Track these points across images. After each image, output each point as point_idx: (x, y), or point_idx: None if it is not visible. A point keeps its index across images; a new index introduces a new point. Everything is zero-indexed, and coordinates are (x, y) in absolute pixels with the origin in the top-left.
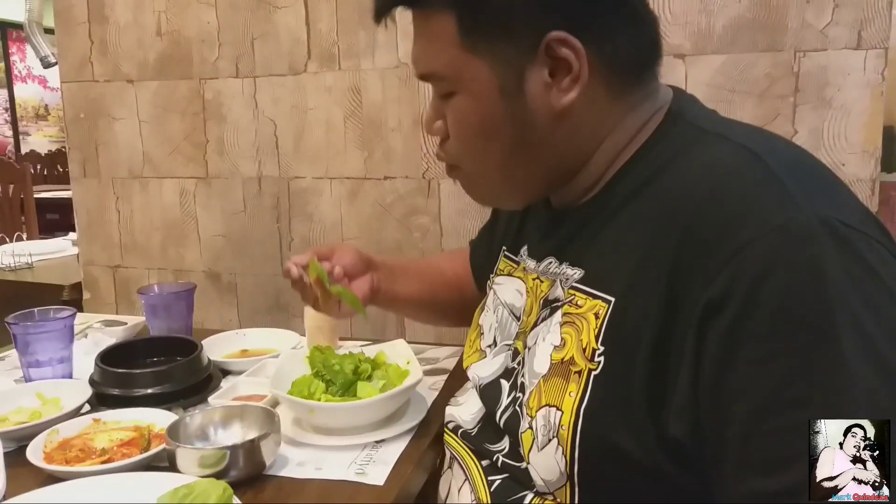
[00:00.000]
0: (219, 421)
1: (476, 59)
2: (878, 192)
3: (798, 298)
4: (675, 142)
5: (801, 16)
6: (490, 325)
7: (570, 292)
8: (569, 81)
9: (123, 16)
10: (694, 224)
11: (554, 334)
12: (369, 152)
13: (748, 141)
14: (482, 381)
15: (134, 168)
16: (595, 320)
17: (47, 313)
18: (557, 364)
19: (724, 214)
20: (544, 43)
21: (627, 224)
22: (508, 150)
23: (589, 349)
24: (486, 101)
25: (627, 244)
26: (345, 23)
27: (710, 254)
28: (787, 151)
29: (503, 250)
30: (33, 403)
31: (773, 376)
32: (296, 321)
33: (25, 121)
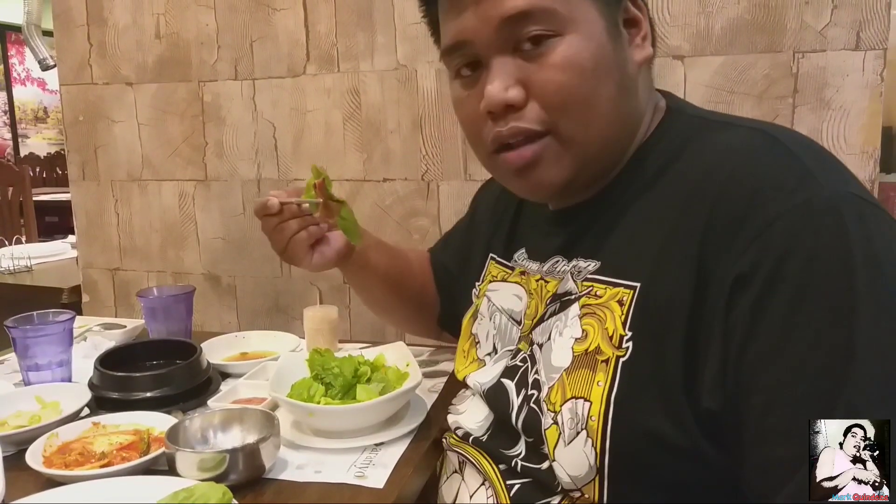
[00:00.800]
0: (218, 424)
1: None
2: (877, 192)
3: (822, 271)
4: (682, 132)
5: (799, 17)
6: (487, 333)
7: (584, 285)
8: (640, 38)
9: (122, 18)
10: (719, 203)
11: (573, 327)
12: (368, 154)
13: (756, 124)
14: (485, 386)
15: (133, 171)
16: (619, 308)
17: (46, 316)
18: (581, 355)
19: (748, 192)
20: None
21: (646, 212)
22: (616, 94)
23: (616, 336)
24: (599, 42)
25: (648, 231)
26: (344, 25)
27: (737, 231)
28: (793, 132)
29: (493, 258)
30: (32, 407)
31: (797, 346)
32: (295, 324)
33: (24, 123)
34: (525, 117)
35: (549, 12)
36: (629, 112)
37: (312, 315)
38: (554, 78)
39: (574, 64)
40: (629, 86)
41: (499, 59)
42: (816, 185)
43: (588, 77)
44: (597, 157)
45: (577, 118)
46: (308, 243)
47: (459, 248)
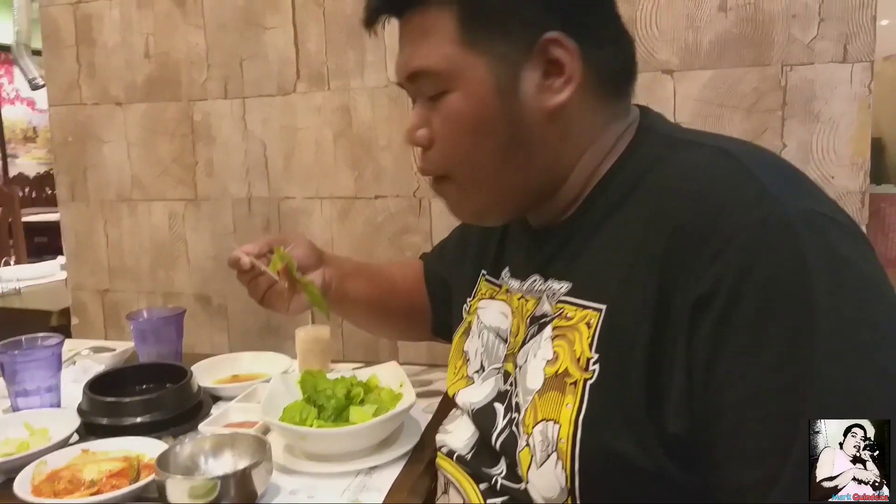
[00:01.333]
0: (209, 450)
1: (473, 55)
2: (867, 204)
3: (781, 289)
4: (650, 152)
5: (787, 30)
6: (476, 351)
7: (558, 306)
8: (561, 83)
9: (111, 38)
10: (679, 224)
11: (545, 349)
12: (360, 171)
13: (721, 143)
14: (474, 407)
15: (122, 191)
16: (587, 329)
17: (35, 341)
18: (551, 378)
19: (707, 212)
20: (540, 43)
21: (613, 234)
22: (501, 150)
23: (583, 359)
24: (482, 100)
25: (615, 252)
26: (333, 43)
27: (696, 251)
28: (758, 151)
29: (483, 275)
30: (21, 434)
31: (759, 366)
32: (287, 344)
33: (13, 143)
34: (429, 159)
35: (433, 72)
36: (540, 156)
37: (304, 335)
38: (441, 131)
39: (455, 121)
40: (531, 135)
41: (417, 103)
42: (773, 203)
43: (468, 133)
44: (507, 199)
45: (463, 170)
46: (282, 296)
47: (452, 259)
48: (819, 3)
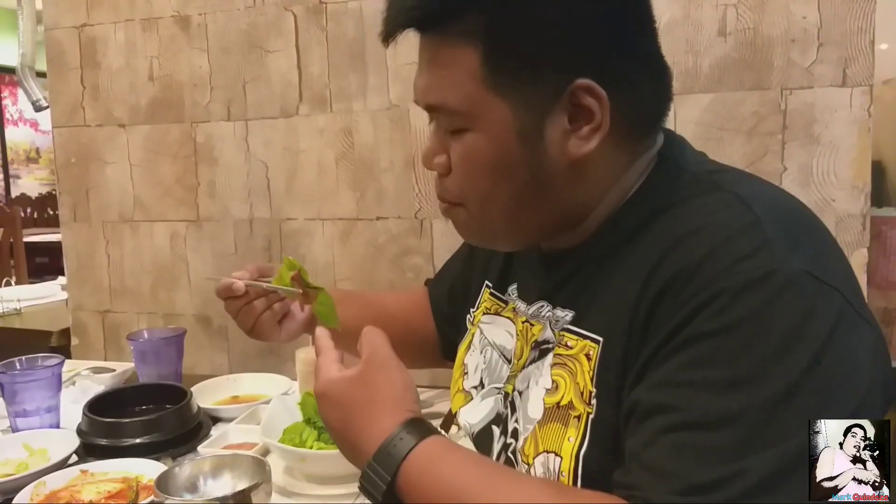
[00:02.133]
0: (209, 471)
1: (498, 98)
2: (868, 227)
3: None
4: (667, 189)
5: (786, 54)
6: (476, 366)
7: (560, 334)
8: (588, 131)
9: (116, 61)
10: (674, 273)
11: (545, 378)
12: (361, 193)
13: (739, 188)
14: (474, 429)
15: (124, 212)
16: (588, 362)
17: (35, 361)
18: (552, 408)
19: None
20: (570, 89)
21: (618, 268)
22: (517, 194)
23: (586, 392)
24: (502, 144)
25: (618, 287)
26: (336, 66)
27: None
28: (778, 199)
29: (487, 286)
30: (20, 454)
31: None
32: (287, 365)
33: (16, 164)
34: (445, 186)
35: (452, 111)
36: (557, 201)
37: (304, 357)
38: (458, 164)
39: (472, 160)
40: (550, 182)
41: (437, 127)
42: (770, 260)
43: (485, 174)
44: (519, 233)
45: (477, 204)
46: (275, 321)
47: (460, 279)
48: (818, 28)
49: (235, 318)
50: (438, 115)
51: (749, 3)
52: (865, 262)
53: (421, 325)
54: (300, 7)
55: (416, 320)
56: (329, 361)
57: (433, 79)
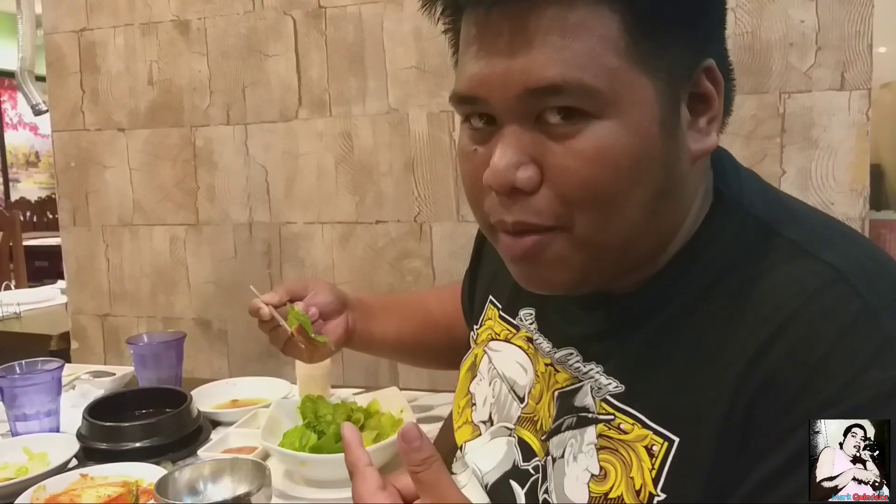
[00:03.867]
0: (208, 475)
1: (642, 75)
2: (867, 230)
3: None
4: (736, 240)
5: (784, 58)
6: (485, 399)
7: (605, 407)
8: (705, 122)
9: (115, 65)
10: (775, 368)
11: (589, 458)
12: (361, 197)
13: (835, 258)
14: (487, 480)
15: (124, 216)
16: (649, 459)
17: (35, 365)
18: (600, 498)
19: (811, 364)
20: (701, 69)
21: (686, 342)
22: (651, 201)
23: (645, 493)
24: (645, 134)
25: (689, 368)
26: (335, 70)
27: (791, 406)
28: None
29: (495, 305)
30: (20, 458)
31: None
32: (287, 368)
33: (16, 168)
34: (534, 207)
35: (587, 90)
36: (668, 214)
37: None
38: (579, 169)
39: (607, 157)
40: (675, 186)
41: (514, 128)
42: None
43: (622, 176)
44: (615, 261)
45: (598, 220)
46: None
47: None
48: (816, 32)
49: (268, 335)
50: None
51: (747, 7)
52: None
53: (460, 326)
54: (299, 11)
55: (457, 321)
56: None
57: (551, 49)
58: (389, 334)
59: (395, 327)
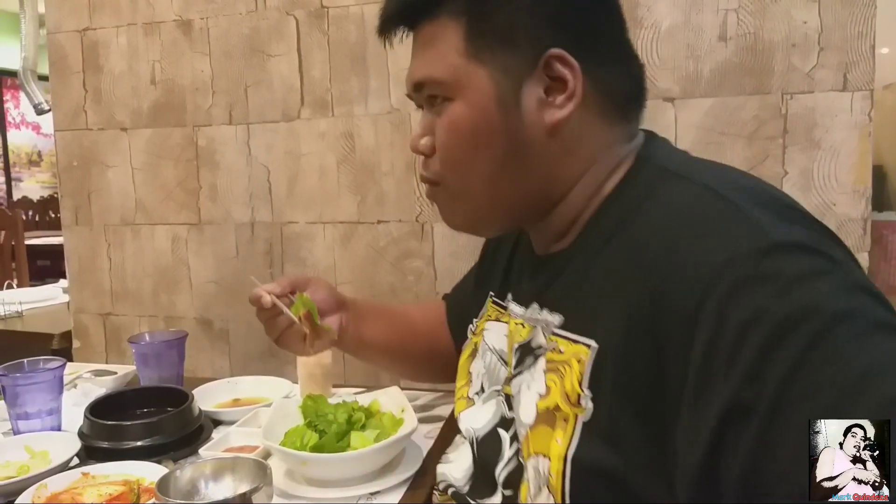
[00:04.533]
0: (210, 474)
1: (478, 67)
2: (869, 231)
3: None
4: (642, 185)
5: (787, 59)
6: (479, 372)
7: (551, 339)
8: (563, 99)
9: (118, 65)
10: (667, 272)
11: (538, 383)
12: (362, 196)
13: (710, 179)
14: (478, 434)
15: (126, 215)
16: (578, 365)
17: (36, 364)
18: (543, 412)
19: (694, 254)
20: (544, 58)
21: (603, 269)
22: (497, 162)
23: (573, 395)
24: (483, 110)
25: (605, 289)
26: (338, 70)
27: (687, 294)
28: (748, 184)
29: (491, 296)
30: (21, 457)
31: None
32: (288, 368)
33: (18, 167)
34: (429, 167)
35: (437, 81)
36: (534, 173)
37: (306, 360)
38: (441, 138)
39: (455, 129)
40: (524, 149)
41: (424, 111)
42: (760, 235)
43: (467, 142)
44: (500, 210)
45: (458, 178)
46: (300, 337)
47: (472, 289)
48: (818, 33)
49: (264, 325)
50: (424, 91)
51: (750, 8)
52: (866, 267)
53: (443, 341)
54: (302, 11)
55: (440, 337)
56: None
57: (420, 58)
58: (377, 338)
59: (383, 333)
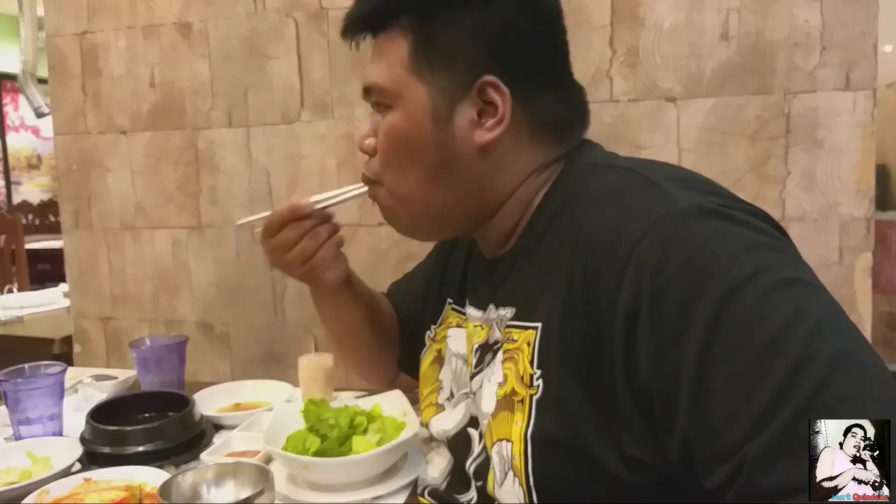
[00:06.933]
0: (211, 479)
1: (417, 82)
2: (873, 230)
3: (696, 268)
4: (572, 180)
5: (789, 59)
6: (447, 379)
7: (506, 331)
8: (493, 123)
9: (117, 68)
10: (590, 241)
11: (497, 373)
12: (364, 199)
13: (629, 163)
14: (449, 433)
15: (126, 219)
16: (528, 348)
17: (38, 369)
18: (502, 399)
19: (612, 224)
20: (479, 83)
21: (543, 258)
22: (428, 171)
23: (526, 376)
24: (417, 122)
25: (546, 275)
26: (337, 72)
27: (609, 262)
28: (666, 166)
29: (450, 303)
30: (23, 462)
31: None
32: (290, 371)
33: (17, 170)
34: (368, 166)
35: (382, 89)
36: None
37: (307, 364)
38: (381, 141)
39: (392, 135)
40: (455, 163)
41: (373, 114)
42: (671, 200)
43: (401, 148)
44: (434, 216)
45: (394, 181)
46: (338, 250)
47: (422, 287)
48: (821, 32)
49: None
50: (371, 96)
51: (752, 8)
52: (870, 266)
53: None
54: (301, 13)
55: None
56: None
57: (372, 66)
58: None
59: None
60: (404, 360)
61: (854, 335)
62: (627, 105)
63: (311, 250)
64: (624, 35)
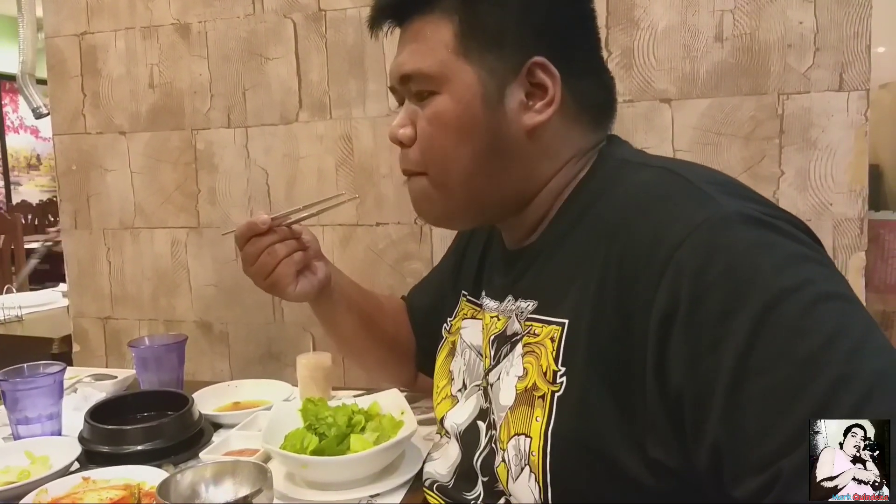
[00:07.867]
0: (210, 478)
1: (466, 64)
2: (866, 230)
3: (738, 276)
4: (605, 175)
5: (783, 60)
6: (459, 370)
7: (526, 324)
8: (542, 105)
9: (116, 69)
10: (629, 240)
11: (517, 366)
12: (361, 199)
13: (667, 163)
14: (460, 428)
15: (125, 219)
16: (552, 344)
17: (37, 368)
18: (522, 393)
19: (652, 225)
20: (528, 65)
21: (572, 251)
22: (478, 157)
23: (549, 372)
24: (467, 105)
25: (574, 270)
26: (335, 73)
27: (647, 263)
28: (704, 169)
29: (464, 295)
30: (22, 462)
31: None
32: (288, 370)
33: (17, 171)
34: (408, 157)
35: (426, 75)
36: (512, 170)
37: (306, 362)
38: (425, 128)
39: (440, 120)
40: (506, 147)
41: (407, 103)
42: (714, 206)
43: (450, 134)
44: (475, 204)
45: (440, 167)
46: (294, 269)
47: (437, 287)
48: (814, 33)
49: (254, 265)
50: (410, 84)
51: (746, 9)
52: (863, 266)
53: (403, 334)
54: (299, 14)
55: (400, 327)
56: None
57: (410, 52)
58: (354, 298)
59: (358, 296)
60: (421, 360)
61: (892, 354)
62: (622, 106)
63: (270, 266)
64: (619, 36)
